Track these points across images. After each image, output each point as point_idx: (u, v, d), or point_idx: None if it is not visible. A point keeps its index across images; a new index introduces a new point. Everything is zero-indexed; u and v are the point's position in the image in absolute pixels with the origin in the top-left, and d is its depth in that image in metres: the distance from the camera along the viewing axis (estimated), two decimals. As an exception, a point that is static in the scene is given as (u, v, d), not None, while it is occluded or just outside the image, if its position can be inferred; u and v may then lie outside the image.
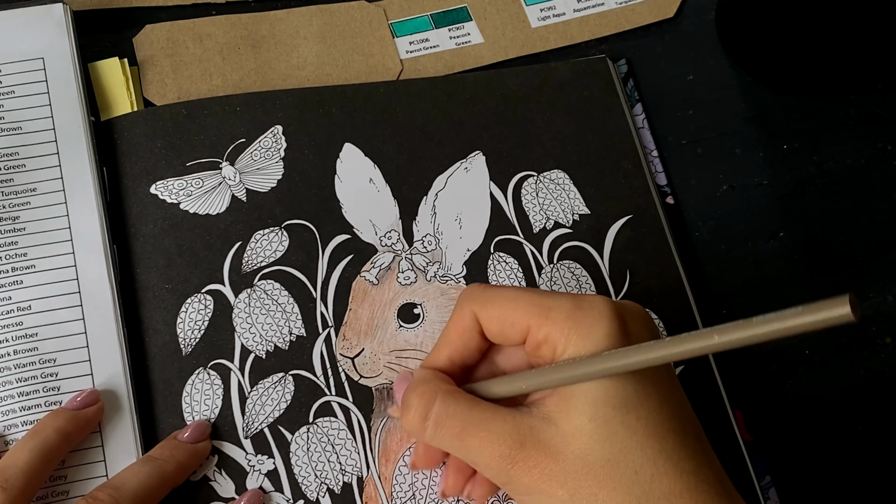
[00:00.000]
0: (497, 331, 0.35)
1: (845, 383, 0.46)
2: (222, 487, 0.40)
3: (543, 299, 0.34)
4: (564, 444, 0.32)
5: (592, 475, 0.32)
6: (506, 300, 0.35)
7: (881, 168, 0.50)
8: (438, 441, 0.35)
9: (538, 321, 0.34)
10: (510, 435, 0.33)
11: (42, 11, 0.46)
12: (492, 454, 0.33)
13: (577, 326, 0.33)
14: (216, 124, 0.46)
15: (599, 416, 0.32)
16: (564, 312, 0.33)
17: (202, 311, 0.43)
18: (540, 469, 0.33)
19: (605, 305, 0.34)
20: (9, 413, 0.39)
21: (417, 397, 0.35)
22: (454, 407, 0.34)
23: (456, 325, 0.37)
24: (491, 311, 0.35)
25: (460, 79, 0.49)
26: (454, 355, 0.37)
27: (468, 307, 0.36)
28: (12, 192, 0.43)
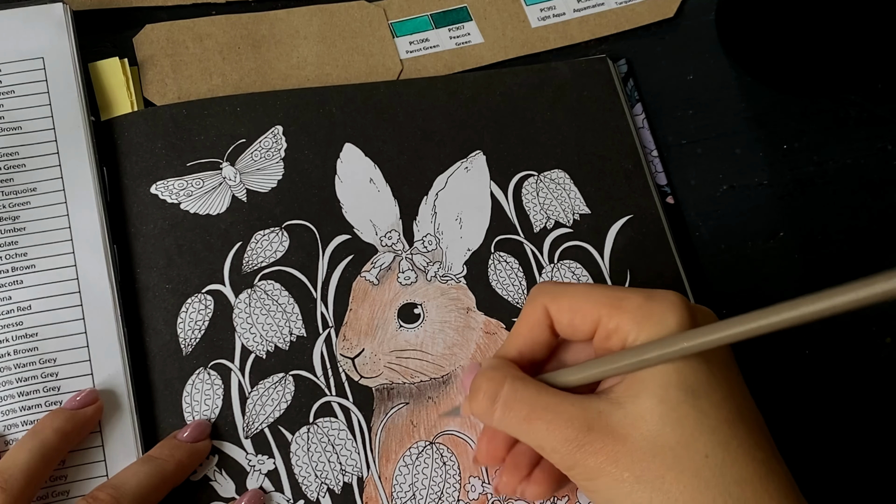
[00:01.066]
0: (567, 322, 0.36)
1: (845, 383, 0.46)
2: (222, 487, 0.40)
3: (615, 291, 0.35)
4: (633, 426, 0.32)
5: (660, 458, 0.32)
6: (577, 292, 0.36)
7: (881, 168, 0.50)
8: (506, 424, 0.35)
9: (609, 311, 0.34)
10: (578, 418, 0.33)
11: (42, 11, 0.46)
12: (559, 437, 0.33)
13: (650, 316, 0.33)
14: (216, 124, 0.46)
15: (670, 399, 0.32)
16: (636, 303, 0.34)
17: (202, 311, 0.43)
18: (606, 452, 0.33)
19: (677, 298, 0.34)
20: (9, 413, 0.39)
21: (487, 381, 0.35)
22: (523, 391, 0.35)
23: (527, 319, 0.37)
24: (562, 303, 0.36)
25: (460, 78, 0.49)
26: (524, 349, 0.37)
27: (539, 300, 0.36)
28: (12, 192, 0.43)
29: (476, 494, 0.41)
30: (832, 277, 0.48)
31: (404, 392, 0.43)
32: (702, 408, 0.32)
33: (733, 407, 0.33)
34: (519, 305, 0.45)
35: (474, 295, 0.45)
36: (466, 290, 0.45)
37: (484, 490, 0.42)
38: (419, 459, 0.42)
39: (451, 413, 0.42)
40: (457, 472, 0.42)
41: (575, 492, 0.42)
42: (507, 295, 0.45)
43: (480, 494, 0.41)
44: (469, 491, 0.41)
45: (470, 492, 0.41)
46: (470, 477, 0.42)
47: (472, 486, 0.42)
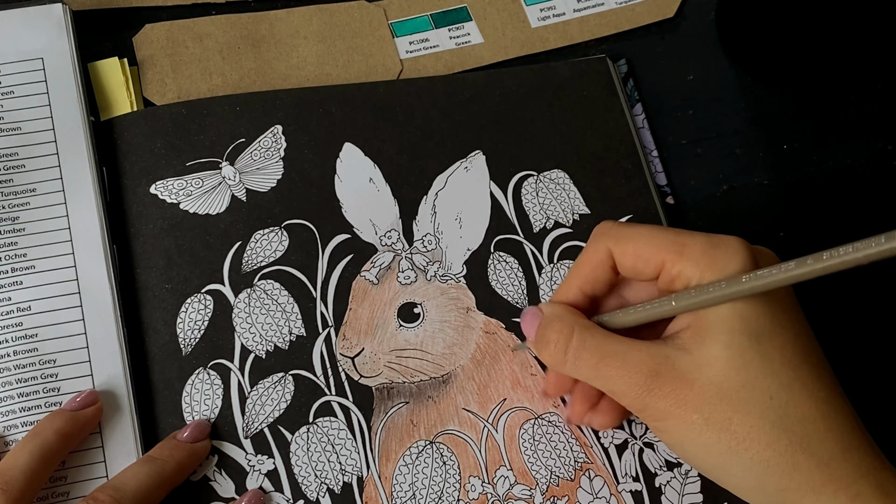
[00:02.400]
0: (630, 265, 0.37)
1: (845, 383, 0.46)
2: (222, 487, 0.40)
3: (679, 236, 0.36)
4: (699, 371, 0.34)
5: (727, 401, 0.33)
6: (641, 236, 0.36)
7: (881, 168, 0.50)
8: (578, 372, 0.36)
9: (673, 257, 0.35)
10: (646, 364, 0.34)
11: (42, 11, 0.46)
12: (629, 382, 0.35)
13: (713, 262, 0.34)
14: (216, 124, 0.46)
15: (735, 344, 0.33)
16: (700, 248, 0.35)
17: (202, 311, 0.43)
18: (675, 395, 0.34)
19: (740, 243, 0.35)
20: (9, 414, 0.39)
21: (556, 332, 0.37)
22: (591, 340, 0.36)
23: (589, 259, 0.38)
24: (625, 247, 0.36)
25: (460, 78, 0.49)
26: (585, 287, 0.38)
27: (603, 241, 0.37)
28: (12, 193, 0.43)
29: (476, 494, 0.41)
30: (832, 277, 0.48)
31: (404, 391, 0.43)
32: (765, 352, 0.33)
33: (796, 349, 0.34)
34: (519, 305, 0.45)
35: (474, 294, 0.45)
36: (466, 290, 0.45)
37: (483, 490, 0.42)
38: (419, 459, 0.42)
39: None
40: (457, 472, 0.42)
41: (574, 491, 0.42)
42: (506, 295, 0.45)
43: (480, 494, 0.41)
44: (469, 491, 0.41)
45: (470, 491, 0.41)
46: (470, 477, 0.42)
47: (471, 485, 0.42)
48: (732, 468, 0.34)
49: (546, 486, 0.42)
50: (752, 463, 0.33)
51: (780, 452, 0.33)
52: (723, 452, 0.34)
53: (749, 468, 0.33)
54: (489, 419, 0.43)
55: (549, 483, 0.42)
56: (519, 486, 0.42)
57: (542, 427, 0.43)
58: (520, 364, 0.44)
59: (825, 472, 0.33)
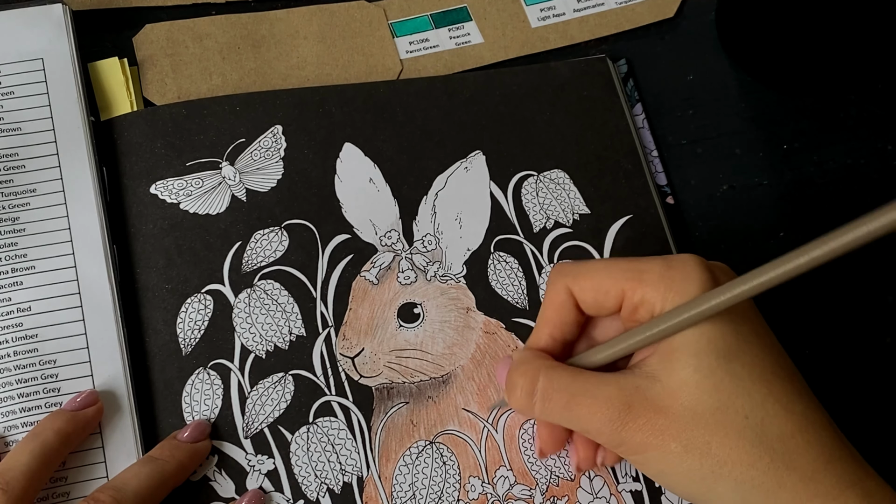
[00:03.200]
0: (591, 300, 0.36)
1: (845, 383, 0.46)
2: (222, 487, 0.40)
3: (634, 264, 0.35)
4: (672, 398, 0.33)
5: (703, 425, 0.33)
6: (597, 269, 0.36)
7: (881, 168, 0.50)
8: (548, 415, 0.36)
9: (632, 284, 0.35)
10: (617, 397, 0.34)
11: (42, 11, 0.46)
12: (601, 419, 0.34)
13: (672, 283, 0.34)
14: (216, 124, 0.46)
15: (704, 367, 0.33)
16: (657, 273, 0.35)
17: (202, 311, 0.43)
18: (651, 426, 0.33)
19: (696, 262, 0.35)
20: (9, 414, 0.39)
21: (521, 375, 0.36)
22: (558, 380, 0.35)
23: (552, 302, 0.37)
24: (583, 283, 0.36)
25: (460, 78, 0.49)
26: (554, 332, 0.38)
27: (560, 282, 0.37)
28: (12, 193, 0.43)
29: (476, 494, 0.41)
30: (832, 277, 0.48)
31: (404, 391, 0.43)
32: (735, 371, 0.33)
33: (766, 365, 0.34)
34: (519, 305, 0.45)
35: (474, 295, 0.45)
36: (466, 290, 0.45)
37: (483, 490, 0.42)
38: (419, 459, 0.42)
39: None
40: (457, 472, 0.42)
41: (574, 491, 0.42)
42: (506, 295, 0.45)
43: (480, 494, 0.41)
44: (469, 491, 0.41)
45: (470, 491, 0.41)
46: (470, 477, 0.42)
47: (471, 485, 0.42)
48: (717, 491, 0.33)
49: (546, 486, 0.42)
50: (737, 484, 0.33)
51: (762, 471, 0.32)
52: (706, 477, 0.33)
53: (734, 490, 0.33)
54: (489, 419, 0.43)
55: (548, 483, 0.42)
56: (519, 486, 0.42)
57: (541, 427, 0.43)
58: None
59: (810, 487, 0.32)
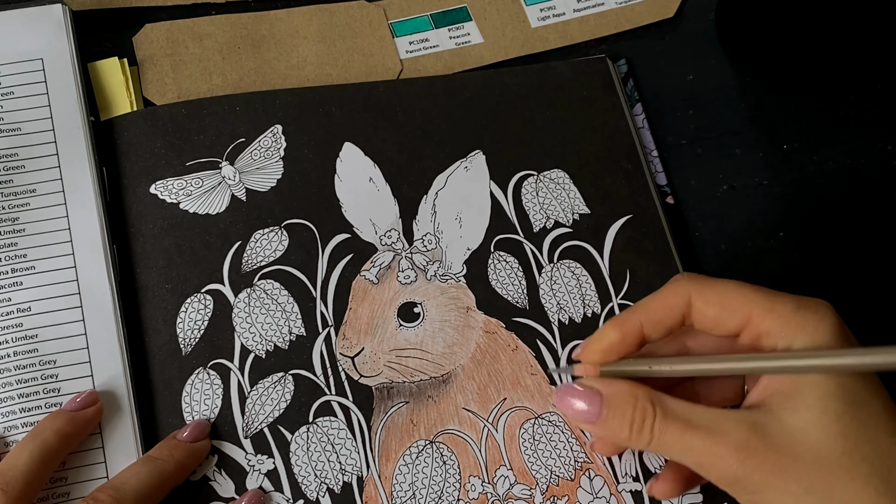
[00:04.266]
0: (713, 315, 0.35)
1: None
2: (222, 487, 0.40)
3: (767, 293, 0.35)
4: (794, 439, 0.32)
5: (827, 468, 0.32)
6: (729, 287, 0.35)
7: (881, 168, 0.50)
8: (661, 447, 0.34)
9: (762, 312, 0.34)
10: (736, 433, 0.33)
11: (41, 11, 0.46)
12: (717, 453, 0.33)
13: (805, 323, 0.33)
14: (216, 124, 0.46)
15: (831, 411, 0.32)
16: (791, 308, 0.34)
17: (202, 311, 0.43)
18: (771, 465, 0.32)
19: (829, 308, 0.34)
20: (9, 414, 0.39)
21: (632, 409, 0.34)
22: (672, 412, 0.34)
23: (664, 301, 0.36)
24: (710, 295, 0.35)
25: (460, 78, 0.49)
26: (647, 325, 0.36)
27: (684, 287, 0.36)
28: (12, 194, 0.43)
29: (476, 494, 0.41)
30: (832, 277, 0.48)
31: (404, 391, 0.43)
32: (862, 417, 0.32)
33: (890, 415, 0.33)
34: (519, 305, 0.45)
35: (474, 294, 0.45)
36: (466, 290, 0.45)
37: (483, 489, 0.42)
38: (419, 459, 0.42)
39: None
40: (457, 472, 0.42)
41: (574, 491, 0.42)
42: (506, 294, 0.45)
43: (480, 494, 0.41)
44: (469, 490, 0.41)
45: (470, 491, 0.41)
46: (470, 476, 0.42)
47: (471, 485, 0.42)
48: None
49: (546, 486, 0.42)
50: None
51: None
52: None
53: None
54: (489, 419, 0.43)
55: (549, 483, 0.42)
56: (519, 485, 0.42)
57: (542, 427, 0.43)
58: (520, 363, 0.44)
59: None
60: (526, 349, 0.44)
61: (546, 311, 0.45)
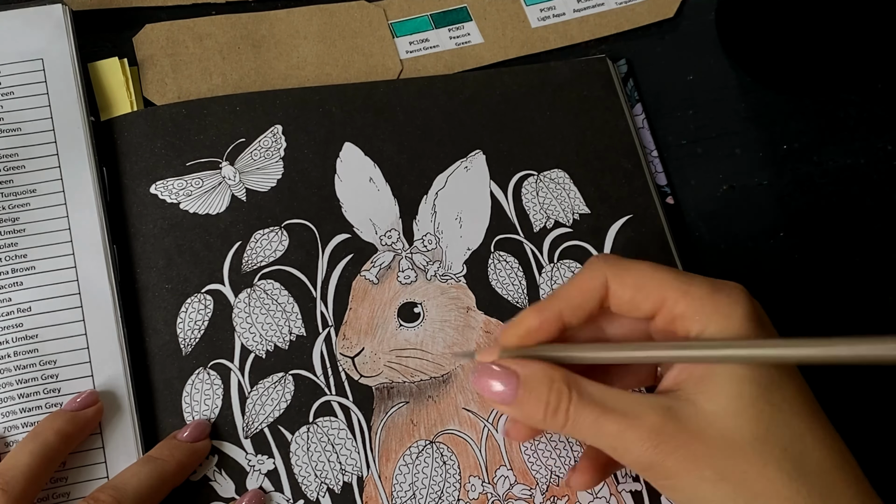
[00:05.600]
0: (628, 298, 0.35)
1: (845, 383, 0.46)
2: (222, 487, 0.40)
3: (683, 276, 0.34)
4: (709, 424, 0.32)
5: (741, 454, 0.32)
6: (643, 269, 0.35)
7: (881, 168, 0.50)
8: (576, 431, 0.34)
9: (676, 295, 0.34)
10: (650, 418, 0.33)
11: (41, 12, 0.46)
12: (632, 437, 0.33)
13: (718, 307, 0.33)
14: (216, 124, 0.46)
15: (745, 395, 0.32)
16: (705, 291, 0.33)
17: (202, 311, 0.43)
18: (685, 450, 0.32)
19: (744, 292, 0.34)
20: (9, 414, 0.39)
21: (547, 391, 0.34)
22: (588, 395, 0.34)
23: (581, 284, 0.36)
24: (626, 278, 0.35)
25: (460, 78, 0.49)
26: (565, 311, 0.36)
27: (600, 269, 0.35)
28: (12, 194, 0.43)
29: (476, 494, 0.41)
30: (832, 277, 0.48)
31: (404, 391, 0.43)
32: (775, 402, 0.32)
33: (803, 399, 0.33)
34: (519, 305, 0.45)
35: (474, 294, 0.45)
36: (466, 290, 0.45)
37: (484, 489, 0.42)
38: (419, 459, 0.42)
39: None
40: (457, 472, 0.42)
41: (574, 491, 0.42)
42: (506, 294, 0.45)
43: (480, 494, 0.41)
44: (469, 490, 0.41)
45: (470, 491, 0.41)
46: (470, 476, 0.42)
47: (472, 485, 0.42)
48: None
49: (546, 486, 0.42)
50: None
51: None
52: None
53: None
54: (489, 419, 0.43)
55: (549, 483, 0.42)
56: (519, 485, 0.42)
57: (542, 427, 0.43)
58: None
59: None
60: None
61: (546, 311, 0.45)
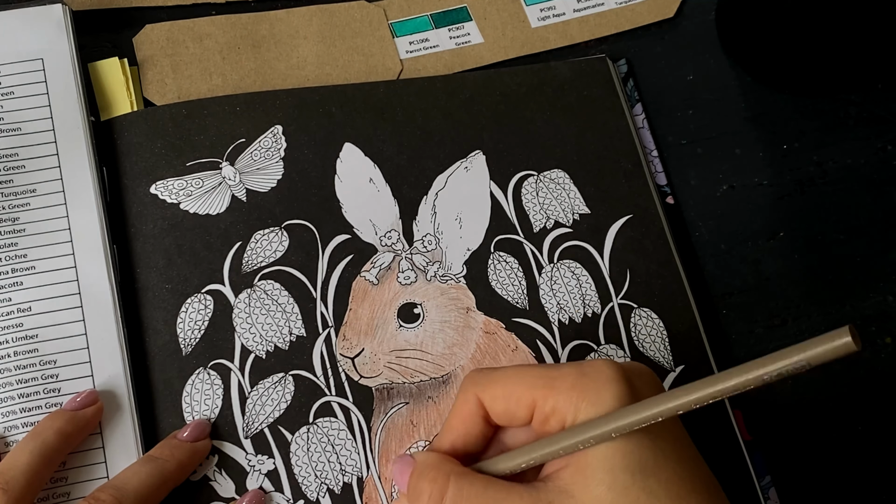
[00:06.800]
0: (502, 410, 0.34)
1: (845, 383, 0.46)
2: (222, 487, 0.41)
3: (546, 371, 0.34)
4: None
5: None
6: (508, 377, 0.34)
7: (881, 168, 0.50)
8: None
9: (544, 392, 0.33)
10: None
11: (42, 12, 0.46)
12: None
13: (585, 393, 0.32)
14: (216, 124, 0.46)
15: (618, 484, 0.31)
16: (570, 381, 0.33)
17: (202, 311, 0.43)
18: None
19: (610, 369, 0.33)
20: (10, 414, 0.39)
21: (429, 482, 0.34)
22: (468, 488, 0.33)
23: (459, 412, 0.35)
24: (494, 391, 0.34)
25: (460, 78, 0.49)
26: (457, 442, 0.36)
27: (471, 391, 0.35)
28: (12, 194, 0.43)
29: (476, 494, 0.41)
30: (832, 277, 0.48)
31: (404, 392, 0.43)
32: (651, 488, 0.31)
33: (684, 482, 0.32)
34: (519, 305, 0.45)
35: (474, 295, 0.45)
36: (466, 290, 0.45)
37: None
38: (419, 459, 0.42)
39: None
40: (456, 472, 0.42)
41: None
42: (506, 295, 0.45)
43: (480, 494, 0.41)
44: (469, 491, 0.41)
45: (469, 492, 0.41)
46: (469, 477, 0.42)
47: (471, 485, 0.42)
48: None
49: (546, 487, 0.42)
50: None
51: None
52: None
53: None
54: None
55: (548, 483, 0.42)
56: (519, 486, 0.42)
57: (541, 427, 0.43)
58: (519, 363, 0.44)
59: None
60: (526, 349, 0.44)
61: (546, 311, 0.45)
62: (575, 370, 0.33)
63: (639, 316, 0.45)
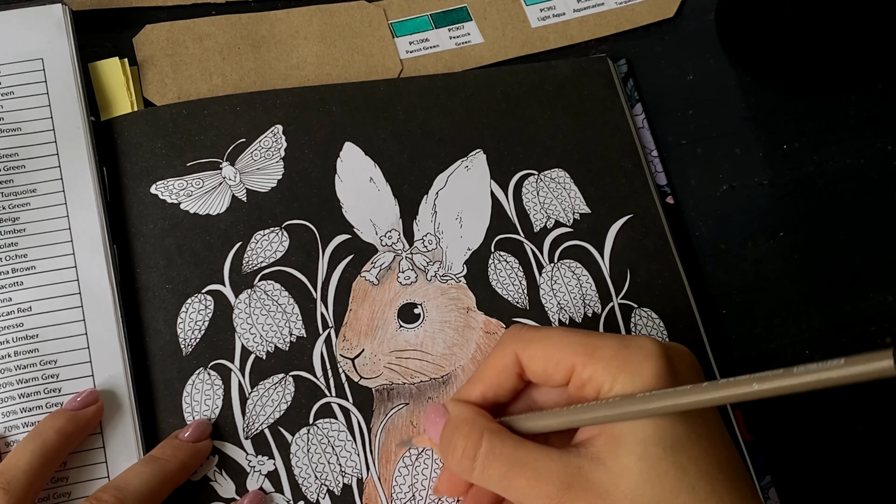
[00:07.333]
0: (540, 370, 0.35)
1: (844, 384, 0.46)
2: (223, 488, 0.41)
3: (589, 338, 0.34)
4: (613, 484, 0.32)
5: None
6: (550, 339, 0.35)
7: (881, 168, 0.50)
8: (485, 481, 0.34)
9: (584, 359, 0.34)
10: (558, 475, 0.33)
11: (41, 12, 0.46)
12: (539, 494, 0.33)
13: (625, 365, 0.33)
14: (216, 124, 0.46)
15: (650, 456, 0.32)
16: (611, 351, 0.33)
17: (202, 312, 0.43)
18: None
19: (653, 345, 0.33)
20: (10, 414, 0.39)
21: (463, 437, 0.35)
22: (500, 447, 0.34)
23: (495, 364, 0.36)
24: (534, 351, 0.35)
25: (461, 77, 0.49)
26: (487, 393, 0.36)
27: (510, 346, 0.36)
28: (12, 193, 0.43)
29: (476, 494, 0.41)
30: (832, 277, 0.48)
31: (404, 393, 0.43)
32: (681, 463, 0.32)
33: (713, 461, 0.32)
34: (519, 305, 0.45)
35: (474, 294, 0.45)
36: (466, 290, 0.45)
37: (484, 490, 0.42)
38: (419, 460, 0.42)
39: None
40: (457, 472, 0.42)
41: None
42: (507, 294, 0.45)
43: (480, 494, 0.41)
44: (469, 491, 0.41)
45: (470, 492, 0.41)
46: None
47: (472, 485, 0.42)
48: None
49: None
50: None
51: None
52: None
53: None
54: None
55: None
56: (519, 486, 0.42)
57: (542, 427, 0.43)
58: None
59: None
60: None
61: (546, 311, 0.45)
62: (617, 342, 0.34)
63: (639, 316, 0.45)
